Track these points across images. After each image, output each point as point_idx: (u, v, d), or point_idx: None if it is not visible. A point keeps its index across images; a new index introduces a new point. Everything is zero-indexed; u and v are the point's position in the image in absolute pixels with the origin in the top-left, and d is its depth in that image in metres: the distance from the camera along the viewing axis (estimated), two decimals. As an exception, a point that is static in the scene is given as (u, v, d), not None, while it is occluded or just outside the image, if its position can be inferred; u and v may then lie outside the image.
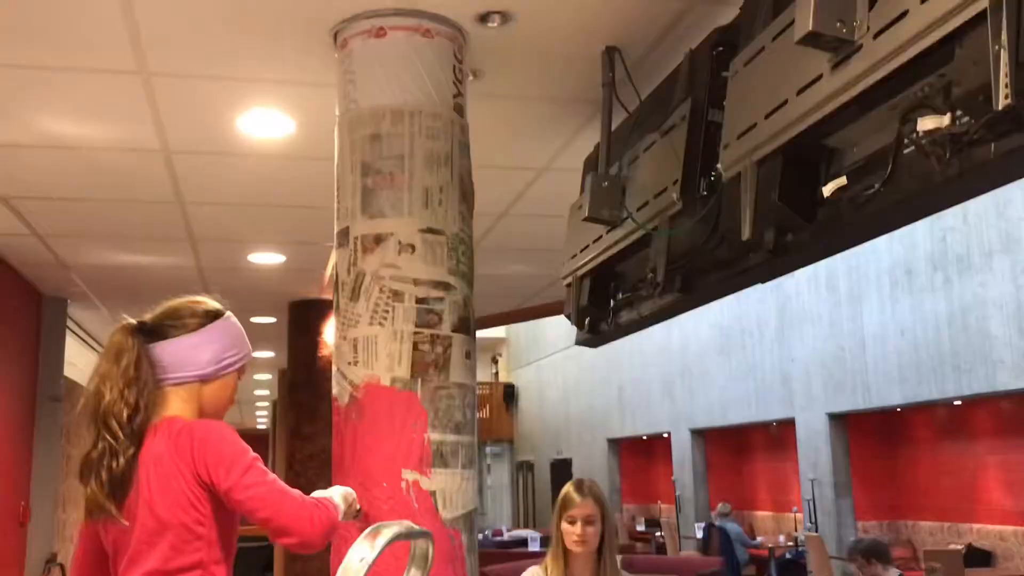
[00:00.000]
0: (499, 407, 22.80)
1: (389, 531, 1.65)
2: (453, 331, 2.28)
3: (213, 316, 2.05)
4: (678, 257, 2.07)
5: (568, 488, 3.18)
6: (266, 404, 13.78)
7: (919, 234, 9.80)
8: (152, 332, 1.97)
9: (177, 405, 1.94)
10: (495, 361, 24.59)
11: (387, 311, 2.23)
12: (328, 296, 2.40)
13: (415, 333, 2.23)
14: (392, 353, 2.21)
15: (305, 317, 6.57)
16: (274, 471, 1.99)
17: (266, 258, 5.47)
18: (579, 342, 2.97)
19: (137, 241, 5.08)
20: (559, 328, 19.70)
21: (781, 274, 1.82)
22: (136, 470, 1.85)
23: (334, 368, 2.32)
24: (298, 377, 6.50)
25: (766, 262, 1.74)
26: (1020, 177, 1.67)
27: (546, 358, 20.49)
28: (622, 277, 2.58)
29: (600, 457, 17.26)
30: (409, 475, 2.15)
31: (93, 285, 5.98)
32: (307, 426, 6.25)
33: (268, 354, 9.03)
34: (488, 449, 24.36)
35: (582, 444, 17.59)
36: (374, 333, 2.23)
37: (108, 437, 1.83)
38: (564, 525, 3.07)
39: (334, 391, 2.32)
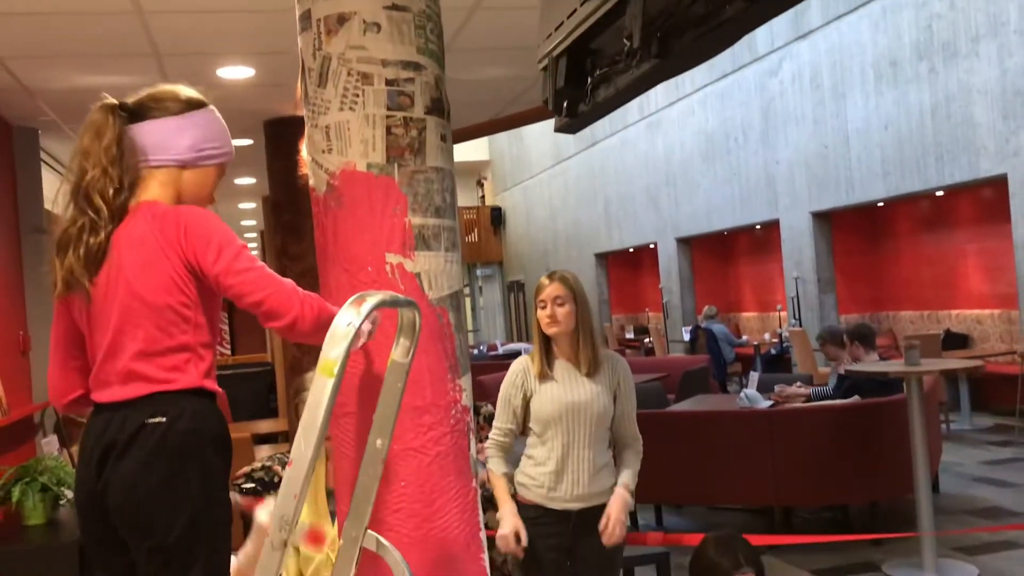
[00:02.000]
0: (487, 230, 22.96)
1: (373, 298, 1.68)
2: (426, 113, 2.23)
3: (196, 104, 2.01)
4: (654, 19, 2.01)
5: (542, 278, 3.27)
6: (254, 235, 13.78)
7: (904, 23, 9.56)
8: (133, 113, 1.93)
9: (155, 189, 1.91)
10: (480, 184, 24.52)
11: (356, 95, 2.17)
12: (303, 113, 2.33)
13: (387, 117, 2.18)
14: (365, 139, 2.17)
15: (282, 136, 6.46)
16: None
17: (236, 72, 5.30)
18: (558, 129, 2.93)
19: (101, 60, 4.90)
20: (543, 146, 19.53)
21: (760, 23, 1.76)
22: (109, 250, 1.84)
23: (308, 159, 2.29)
24: (280, 198, 6.47)
25: (743, 11, 1.69)
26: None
27: (532, 178, 20.42)
28: (598, 53, 2.51)
29: (589, 272, 17.53)
30: (393, 259, 2.16)
31: (61, 112, 5.82)
32: (293, 246, 6.28)
33: (249, 180, 8.94)
34: (479, 272, 24.70)
35: (570, 261, 17.82)
36: (345, 119, 2.18)
37: (91, 212, 1.81)
38: (538, 311, 3.18)
39: (311, 182, 2.30)
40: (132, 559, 1.74)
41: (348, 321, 1.61)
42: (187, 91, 2.01)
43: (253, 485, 4.21)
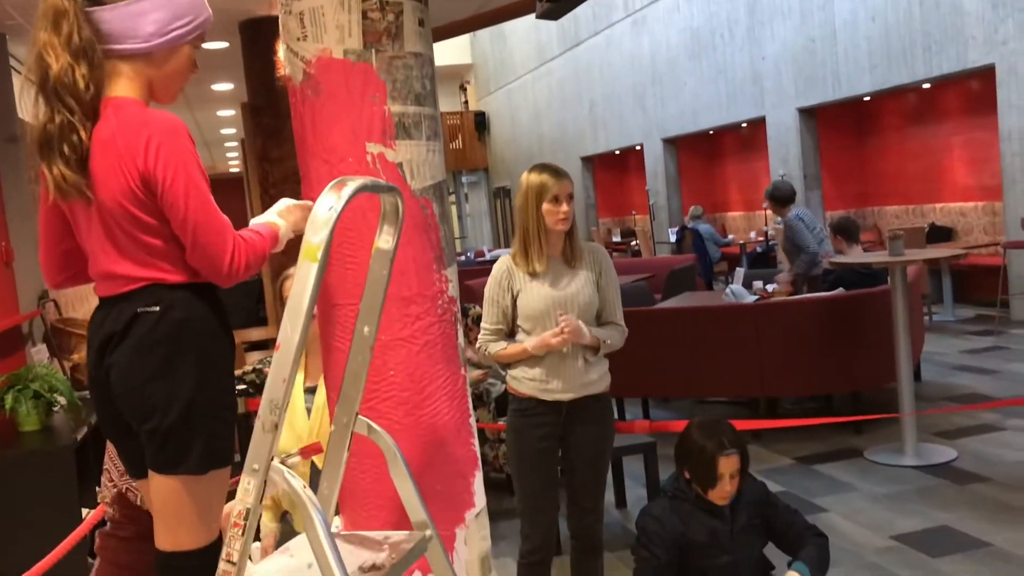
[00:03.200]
0: (471, 136, 22.67)
1: (355, 183, 1.66)
2: (403, -3, 2.17)
3: None
4: None
5: (541, 175, 3.21)
6: (235, 144, 13.57)
7: (896, -92, 9.30)
8: None
9: (123, 84, 1.83)
10: (463, 89, 24.09)
11: (331, -22, 2.11)
12: (278, 11, 2.25)
13: (363, 0, 2.12)
14: (341, 24, 2.12)
15: (258, 37, 6.30)
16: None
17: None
18: (539, 15, 2.87)
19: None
20: (527, 47, 19.15)
21: None
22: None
23: (283, 48, 2.23)
24: (259, 101, 6.35)
25: None
26: None
27: (516, 81, 20.07)
28: (578, -67, 2.44)
29: (575, 175, 17.40)
30: (373, 148, 2.13)
31: (29, 16, 5.65)
32: (274, 150, 6.19)
33: (226, 86, 8.76)
34: (464, 178, 24.51)
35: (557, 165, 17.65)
36: (319, 4, 2.12)
37: (65, 111, 1.75)
38: (547, 206, 3.16)
39: (287, 71, 2.25)
40: (141, 446, 1.78)
41: (329, 206, 1.59)
42: None
43: (245, 387, 4.27)
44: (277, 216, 1.92)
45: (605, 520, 3.58)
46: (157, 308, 1.74)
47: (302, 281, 1.56)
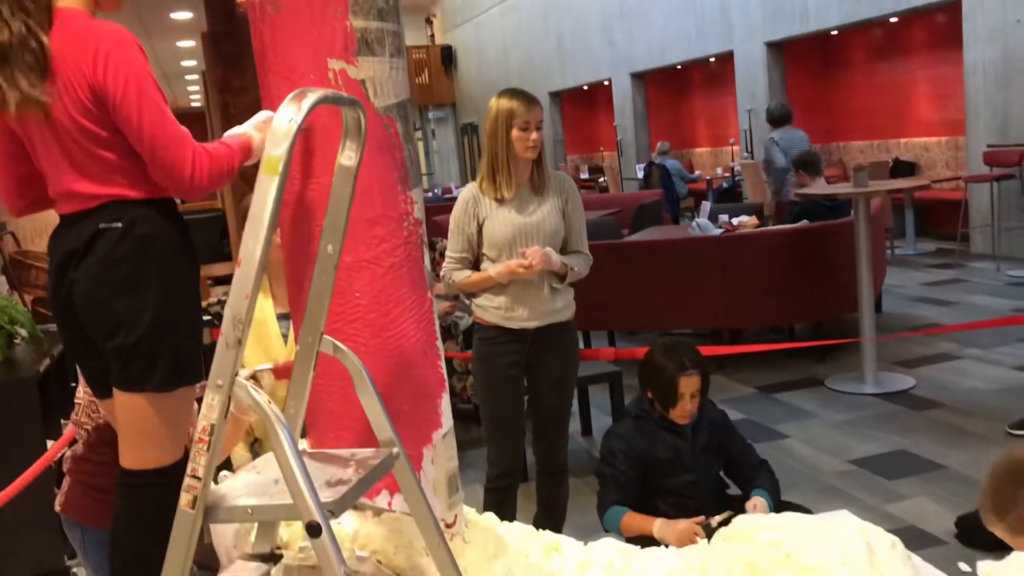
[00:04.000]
0: (438, 71, 22.32)
1: (315, 94, 1.62)
2: (363, -92, 2.10)
3: None
4: None
5: (512, 101, 3.18)
6: (195, 77, 13.27)
7: None
8: None
9: None
10: (429, 22, 23.64)
11: None
12: None
13: (323, -88, 2.05)
14: (301, -64, 2.05)
15: (217, -39, 6.13)
16: (212, 138, 1.87)
17: None
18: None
19: None
20: (492, -23, 18.80)
21: None
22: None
23: (242, -38, 2.17)
24: (219, 28, 6.19)
25: None
26: None
27: (483, 14, 19.73)
28: None
29: (543, 111, 17.24)
30: (335, 64, 2.08)
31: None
32: (236, 79, 6.06)
33: (185, 15, 8.54)
34: (430, 114, 24.21)
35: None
36: (278, -85, 2.05)
37: (21, 14, 1.68)
38: (516, 133, 3.13)
39: (245, -13, 2.18)
40: (107, 364, 1.75)
41: (289, 117, 1.56)
42: None
43: (210, 318, 4.24)
44: (253, 128, 1.89)
45: (571, 447, 3.64)
46: (119, 224, 1.71)
47: (262, 195, 1.53)
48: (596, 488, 3.11)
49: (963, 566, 3.12)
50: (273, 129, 1.55)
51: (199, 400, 1.64)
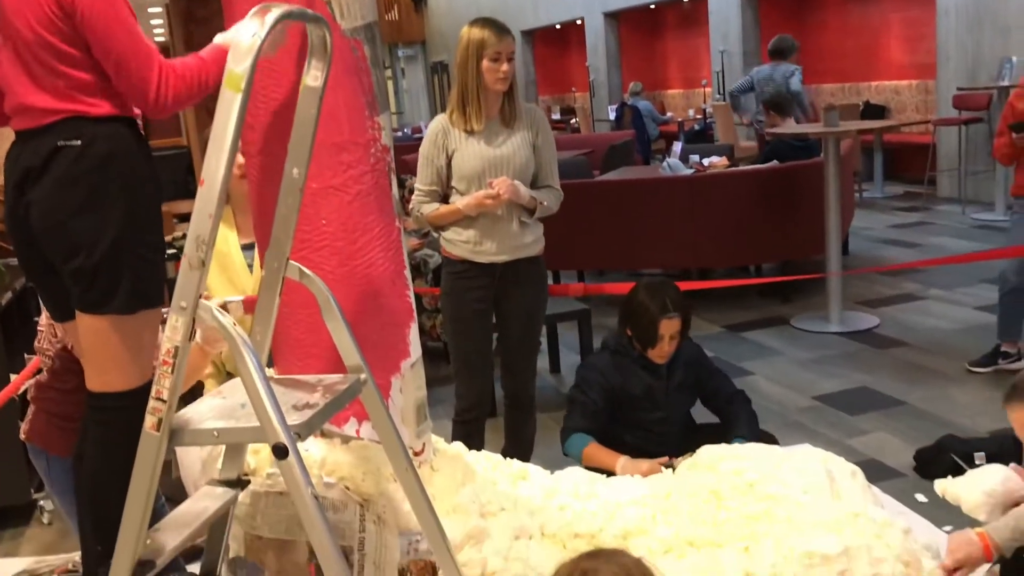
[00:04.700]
0: (407, 7, 21.89)
1: (279, 9, 1.58)
2: None
3: None
4: None
5: (483, 30, 3.11)
6: (158, 11, 12.90)
7: None
8: None
9: None
10: (400, -43, 23.14)
11: None
12: None
13: None
14: None
15: None
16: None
17: None
18: None
19: None
20: (464, -88, 18.35)
21: None
22: None
23: None
24: (181, -43, 6.02)
25: None
26: None
27: (453, -52, 19.33)
28: None
29: (516, 51, 17.01)
30: (300, -15, 2.02)
31: None
32: (200, 9, 5.91)
33: (146, -57, 8.27)
34: (400, 52, 23.80)
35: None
36: None
37: None
38: (487, 64, 3.07)
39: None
40: (66, 286, 1.71)
41: (252, 32, 1.52)
42: None
43: (175, 251, 4.19)
44: (223, 39, 1.82)
45: (540, 385, 3.66)
46: (79, 142, 1.66)
47: (225, 112, 1.50)
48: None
49: (920, 497, 3.20)
50: (236, 45, 1.51)
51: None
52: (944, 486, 2.42)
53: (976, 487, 2.33)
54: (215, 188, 1.51)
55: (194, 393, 2.57)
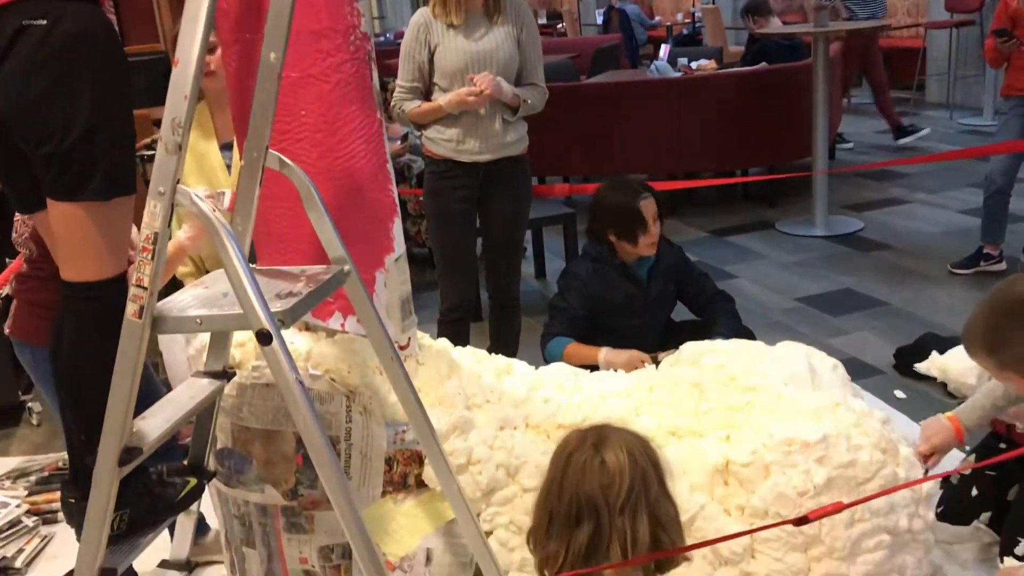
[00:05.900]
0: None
1: None
2: None
3: None
4: None
5: None
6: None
7: None
8: None
9: None
10: None
11: None
12: None
13: None
14: None
15: None
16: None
17: None
18: None
19: None
20: None
21: None
22: None
23: None
24: None
25: None
26: None
27: None
28: None
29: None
30: None
31: None
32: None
33: None
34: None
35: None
36: None
37: None
38: None
39: None
40: (35, 174, 1.66)
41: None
42: None
43: (152, 154, 4.12)
44: None
45: (525, 289, 3.66)
46: (44, 21, 1.59)
47: (198, -11, 1.44)
48: (548, 324, 3.15)
49: (899, 393, 3.26)
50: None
51: None
52: (929, 362, 2.45)
53: (962, 357, 2.36)
54: (190, 68, 1.46)
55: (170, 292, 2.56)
